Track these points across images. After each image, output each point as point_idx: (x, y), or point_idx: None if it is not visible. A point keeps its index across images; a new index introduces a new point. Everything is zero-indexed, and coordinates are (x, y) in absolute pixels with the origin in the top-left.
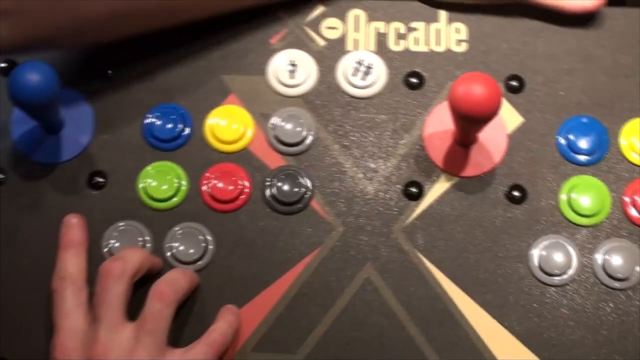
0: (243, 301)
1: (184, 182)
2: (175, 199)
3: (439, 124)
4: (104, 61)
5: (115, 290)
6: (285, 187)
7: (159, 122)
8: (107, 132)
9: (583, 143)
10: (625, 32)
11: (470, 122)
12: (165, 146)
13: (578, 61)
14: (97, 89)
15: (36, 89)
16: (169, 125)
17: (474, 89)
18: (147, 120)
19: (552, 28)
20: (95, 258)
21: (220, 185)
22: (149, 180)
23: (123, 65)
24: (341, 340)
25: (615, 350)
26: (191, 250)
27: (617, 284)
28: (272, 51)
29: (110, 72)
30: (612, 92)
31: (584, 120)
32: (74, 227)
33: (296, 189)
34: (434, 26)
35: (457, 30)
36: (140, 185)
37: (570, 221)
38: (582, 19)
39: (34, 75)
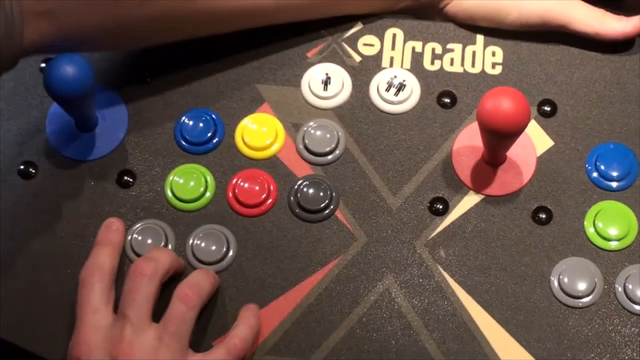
0: (261, 304)
1: (210, 185)
2: (201, 201)
3: (468, 142)
4: (143, 65)
5: (145, 290)
6: (311, 195)
7: (191, 126)
8: (140, 133)
9: (612, 169)
10: None
11: (497, 137)
12: (196, 149)
13: (612, 89)
14: (133, 91)
15: (72, 81)
16: (201, 129)
17: (503, 103)
18: (180, 124)
19: (587, 55)
20: None
21: (246, 189)
22: (177, 180)
23: (161, 70)
24: (356, 348)
25: None
26: (213, 248)
27: None
28: (308, 64)
29: (149, 79)
30: None
31: (615, 147)
32: (114, 231)
33: (321, 197)
34: (470, 48)
35: (493, 54)
36: (168, 186)
37: (595, 245)
38: (618, 48)
39: (70, 68)
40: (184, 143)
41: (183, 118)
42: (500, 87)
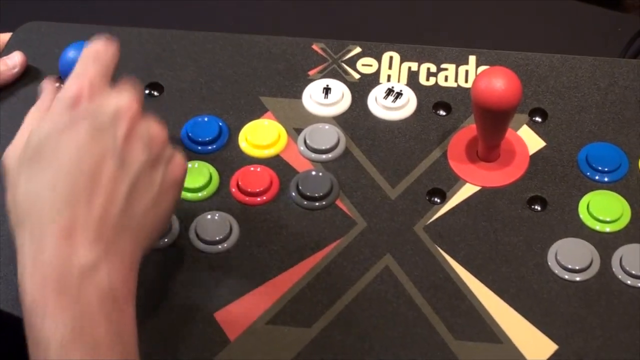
0: (262, 280)
1: (214, 178)
2: (204, 192)
3: (463, 141)
4: (156, 74)
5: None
6: (312, 184)
7: (197, 128)
8: None
9: (603, 164)
10: None
11: (492, 115)
12: (201, 149)
13: (602, 91)
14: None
15: None
16: (206, 130)
17: (495, 81)
18: (186, 127)
19: (574, 60)
20: None
21: (249, 179)
22: None
23: (168, 83)
24: (357, 319)
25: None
26: (216, 230)
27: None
28: (309, 80)
29: (155, 93)
30: (634, 121)
31: (604, 145)
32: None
33: (322, 186)
34: (463, 67)
35: None
36: None
37: (589, 228)
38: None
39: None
40: (190, 143)
41: (190, 122)
42: (492, 66)
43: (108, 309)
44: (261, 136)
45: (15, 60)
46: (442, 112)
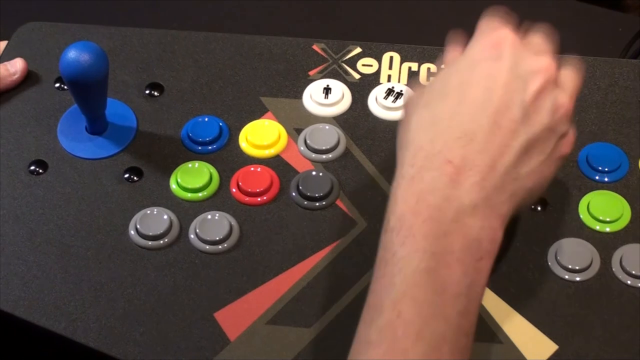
0: (262, 280)
1: (215, 178)
2: (205, 192)
3: None
4: (156, 74)
5: None
6: (313, 184)
7: (197, 128)
8: (148, 137)
9: (603, 164)
10: None
11: None
12: (202, 149)
13: (603, 91)
14: (142, 103)
15: (87, 67)
16: (207, 131)
17: None
18: (187, 127)
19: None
20: (122, 242)
21: (250, 179)
22: (182, 173)
23: (169, 84)
24: (357, 318)
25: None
26: (216, 230)
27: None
28: (310, 80)
29: (155, 93)
30: (634, 121)
31: (604, 145)
32: None
33: (323, 186)
34: None
35: None
36: (173, 179)
37: (590, 228)
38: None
39: (85, 55)
40: (190, 143)
41: (190, 122)
42: None
43: (467, 259)
44: (261, 136)
45: (16, 67)
46: None
